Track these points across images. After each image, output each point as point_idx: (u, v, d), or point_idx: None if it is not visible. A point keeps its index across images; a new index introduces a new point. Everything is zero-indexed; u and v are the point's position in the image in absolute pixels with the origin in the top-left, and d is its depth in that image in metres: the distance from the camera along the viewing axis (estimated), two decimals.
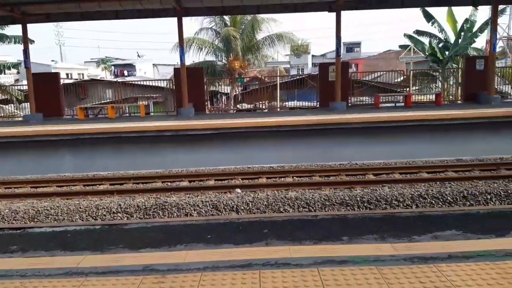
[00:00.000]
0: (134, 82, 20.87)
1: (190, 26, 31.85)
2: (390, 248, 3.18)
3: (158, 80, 22.28)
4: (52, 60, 47.96)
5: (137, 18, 13.89)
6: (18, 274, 2.91)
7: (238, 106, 19.65)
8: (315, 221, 5.91)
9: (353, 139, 11.06)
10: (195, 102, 14.21)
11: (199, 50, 22.75)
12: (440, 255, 2.96)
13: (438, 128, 11.10)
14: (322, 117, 11.50)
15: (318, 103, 15.10)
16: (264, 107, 17.46)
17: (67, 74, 40.35)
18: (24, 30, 13.79)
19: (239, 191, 7.88)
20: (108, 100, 18.09)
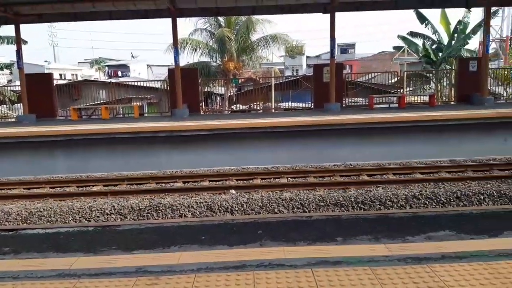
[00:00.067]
0: (128, 83, 20.77)
1: (185, 27, 32.01)
2: (384, 248, 3.19)
3: (152, 81, 22.21)
4: (45, 61, 47.73)
5: (131, 19, 13.86)
6: (11, 276, 2.89)
7: (233, 107, 19.65)
8: (309, 222, 5.91)
9: (347, 140, 11.09)
10: (190, 103, 14.19)
11: (194, 51, 22.79)
12: (433, 256, 2.98)
13: (432, 129, 11.16)
14: (317, 118, 11.51)
15: (313, 104, 15.13)
16: (258, 108, 17.47)
17: (60, 75, 40.15)
18: (17, 31, 13.72)
19: (233, 192, 7.86)
20: (102, 101, 18.00)
